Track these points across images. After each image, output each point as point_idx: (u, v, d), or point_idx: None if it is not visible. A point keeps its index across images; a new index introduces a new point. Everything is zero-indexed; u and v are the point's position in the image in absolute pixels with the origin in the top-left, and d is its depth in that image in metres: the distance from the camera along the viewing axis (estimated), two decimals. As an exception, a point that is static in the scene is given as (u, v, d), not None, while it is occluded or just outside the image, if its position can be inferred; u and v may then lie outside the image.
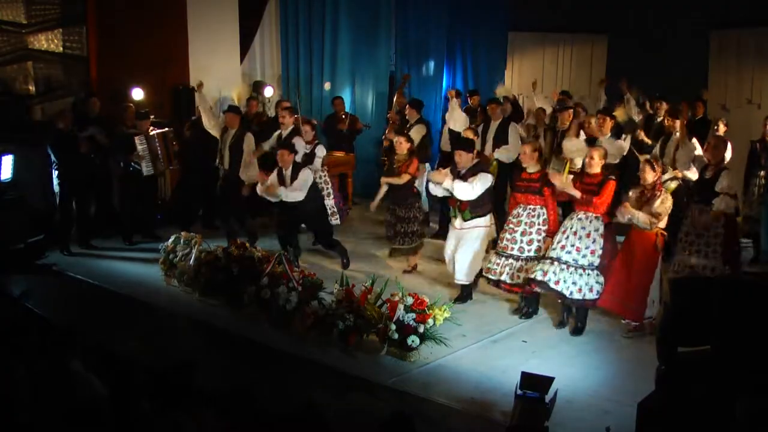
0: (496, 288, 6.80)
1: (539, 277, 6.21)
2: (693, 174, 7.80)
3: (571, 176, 6.64)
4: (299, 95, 10.99)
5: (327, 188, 8.82)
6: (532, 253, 6.52)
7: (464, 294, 7.09)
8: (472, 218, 6.78)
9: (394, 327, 5.80)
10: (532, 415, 4.47)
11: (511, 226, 6.66)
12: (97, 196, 9.15)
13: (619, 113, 8.99)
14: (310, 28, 12.32)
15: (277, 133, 8.98)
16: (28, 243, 8.14)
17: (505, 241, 6.65)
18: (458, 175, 6.76)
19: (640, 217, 6.07)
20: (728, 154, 7.44)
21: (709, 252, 6.50)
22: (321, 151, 8.66)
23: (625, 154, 8.61)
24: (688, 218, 6.73)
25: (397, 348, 5.83)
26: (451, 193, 6.80)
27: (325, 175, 8.84)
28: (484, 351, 6.06)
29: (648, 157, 7.53)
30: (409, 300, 5.94)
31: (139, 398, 3.77)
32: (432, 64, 13.41)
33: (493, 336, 6.36)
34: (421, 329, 5.80)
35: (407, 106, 9.62)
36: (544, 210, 6.55)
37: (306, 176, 7.67)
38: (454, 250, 6.94)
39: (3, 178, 8.03)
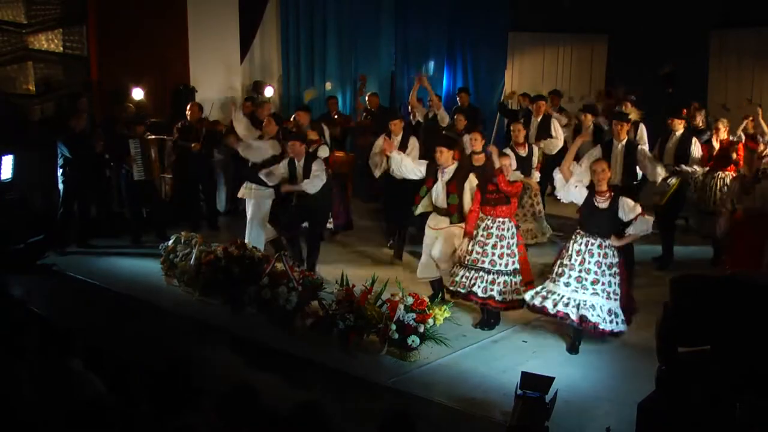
0: (464, 300, 6.52)
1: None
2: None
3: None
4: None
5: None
6: (502, 267, 6.32)
7: (437, 290, 6.88)
8: (460, 221, 6.63)
9: (394, 327, 5.80)
10: (532, 415, 4.48)
11: (480, 239, 6.39)
12: (99, 196, 9.17)
13: (633, 113, 8.95)
14: (311, 28, 12.32)
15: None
16: (29, 243, 8.14)
17: (474, 254, 6.37)
18: (436, 174, 6.69)
19: None
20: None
21: (611, 293, 5.89)
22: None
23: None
24: (573, 252, 6.01)
25: (397, 348, 5.83)
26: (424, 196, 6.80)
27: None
28: (484, 351, 6.07)
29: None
30: (409, 300, 5.94)
31: (139, 398, 3.77)
32: (432, 64, 13.43)
33: (493, 336, 6.36)
34: (422, 329, 5.81)
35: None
36: (512, 223, 6.43)
37: (320, 166, 7.48)
38: (433, 250, 6.79)
39: (3, 178, 8.04)
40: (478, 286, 6.30)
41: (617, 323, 5.92)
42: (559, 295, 5.95)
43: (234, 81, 11.38)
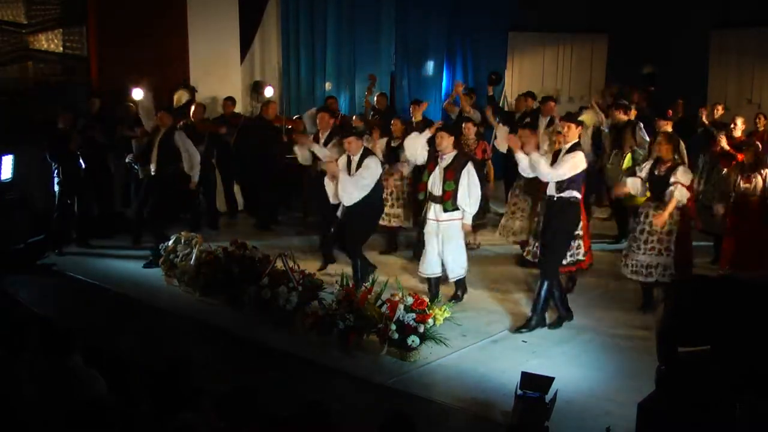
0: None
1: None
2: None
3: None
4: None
5: None
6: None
7: (460, 291, 7.04)
8: (453, 210, 6.70)
9: (394, 327, 5.79)
10: (532, 415, 4.48)
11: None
12: (98, 196, 9.16)
13: (587, 118, 8.94)
14: (311, 28, 12.32)
15: None
16: (29, 243, 8.14)
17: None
18: (437, 159, 6.76)
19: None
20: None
21: (662, 249, 6.58)
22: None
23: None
24: (640, 216, 6.79)
25: (397, 348, 5.83)
26: (427, 181, 6.85)
27: None
28: (484, 351, 6.06)
29: None
30: (409, 300, 5.94)
31: (139, 398, 3.77)
32: (432, 64, 13.43)
33: (493, 336, 6.36)
34: (422, 329, 5.80)
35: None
36: None
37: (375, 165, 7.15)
38: (438, 247, 6.79)
39: (3, 178, 8.04)
40: None
41: (655, 275, 6.58)
42: (629, 261, 6.76)
43: (234, 81, 11.37)
